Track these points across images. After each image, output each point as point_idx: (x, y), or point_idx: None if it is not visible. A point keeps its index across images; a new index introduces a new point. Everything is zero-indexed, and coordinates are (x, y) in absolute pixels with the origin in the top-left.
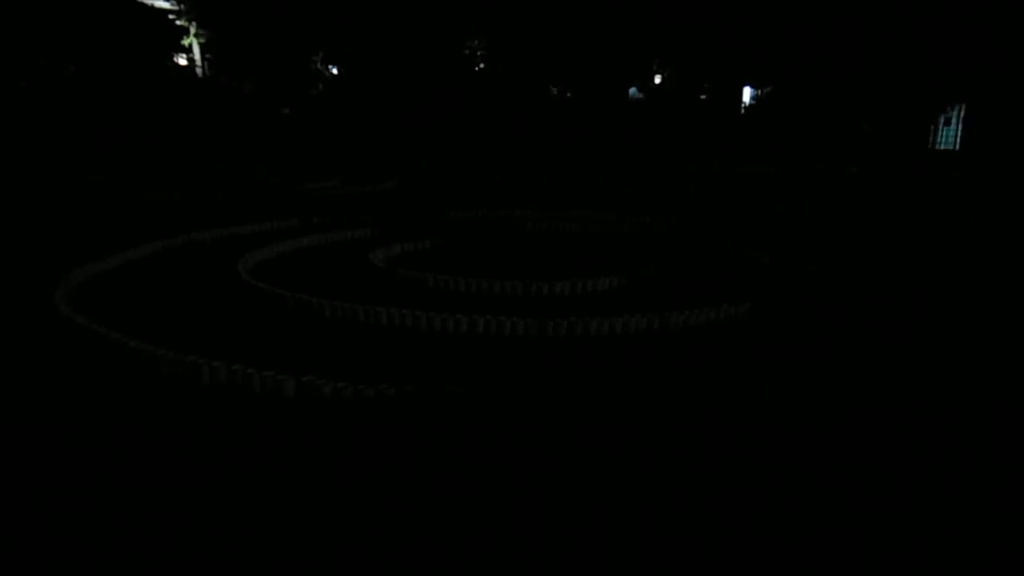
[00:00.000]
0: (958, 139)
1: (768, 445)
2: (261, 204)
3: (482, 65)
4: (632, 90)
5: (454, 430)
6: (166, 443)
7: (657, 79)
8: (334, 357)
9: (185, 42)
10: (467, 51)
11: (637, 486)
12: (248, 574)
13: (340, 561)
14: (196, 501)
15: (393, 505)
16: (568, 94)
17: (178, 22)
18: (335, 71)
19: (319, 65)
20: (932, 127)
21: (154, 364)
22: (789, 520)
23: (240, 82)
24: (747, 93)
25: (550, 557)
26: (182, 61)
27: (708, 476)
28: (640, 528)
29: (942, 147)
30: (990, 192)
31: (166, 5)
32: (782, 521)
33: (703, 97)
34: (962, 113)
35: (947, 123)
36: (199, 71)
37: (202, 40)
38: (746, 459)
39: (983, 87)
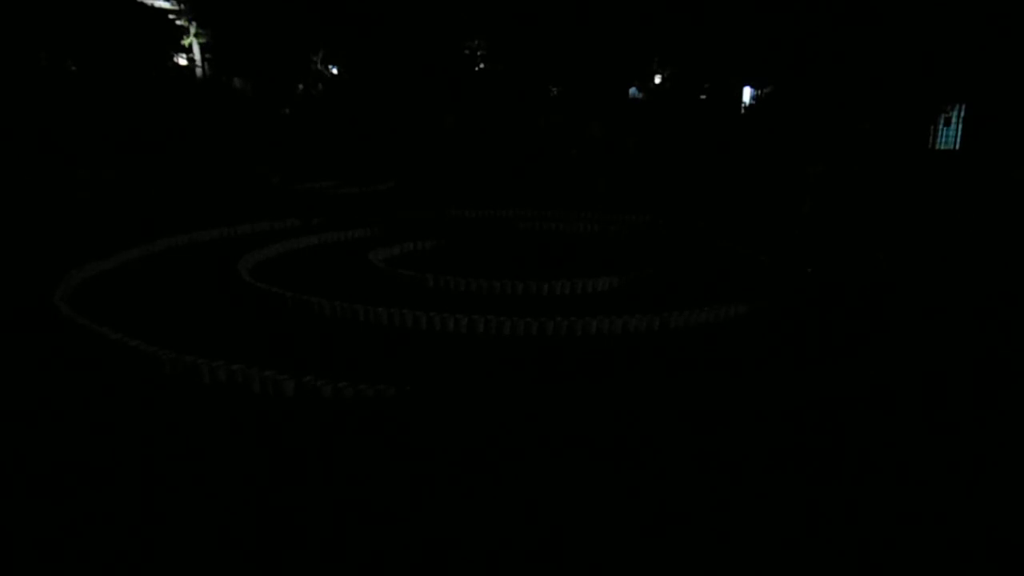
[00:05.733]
0: (958, 139)
1: (767, 443)
2: (261, 204)
3: (482, 65)
4: (632, 90)
5: (453, 429)
6: (166, 442)
7: (657, 79)
8: (334, 357)
9: (185, 42)
10: (467, 51)
11: (633, 484)
12: (246, 569)
13: (337, 558)
14: (195, 498)
15: (391, 502)
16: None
17: (178, 22)
18: (335, 71)
19: (319, 65)
20: (932, 127)
21: (155, 364)
22: (786, 519)
23: (230, 79)
24: (747, 93)
25: (543, 550)
26: (182, 61)
27: (704, 474)
28: (636, 526)
29: (942, 147)
30: (990, 192)
31: (166, 5)
32: (779, 520)
33: (703, 97)
34: (962, 113)
35: (947, 123)
36: (199, 71)
37: (202, 40)
38: (743, 457)
39: (983, 87)
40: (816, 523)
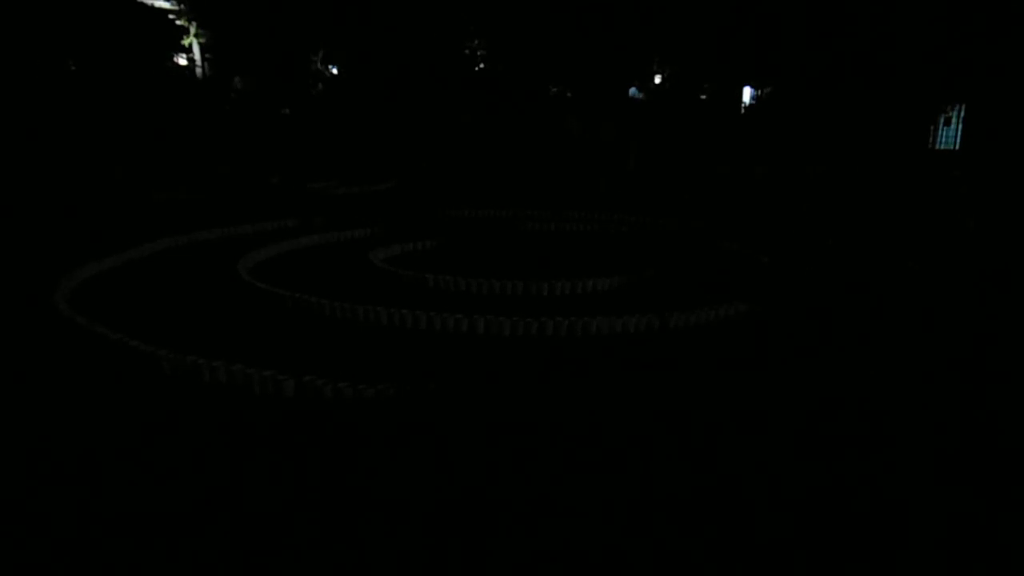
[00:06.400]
0: (958, 139)
1: (767, 444)
2: (261, 204)
3: (482, 65)
4: (632, 90)
5: (452, 430)
6: (166, 442)
7: (657, 79)
8: (334, 357)
9: (185, 42)
10: (467, 51)
11: (634, 485)
12: (245, 569)
13: (336, 558)
14: (195, 498)
15: (390, 503)
16: (568, 94)
17: (178, 22)
18: (335, 71)
19: (319, 65)
20: (932, 127)
21: (155, 364)
22: (785, 518)
23: (230, 79)
24: (747, 93)
25: (544, 553)
26: (182, 61)
27: (705, 475)
28: (635, 527)
29: (942, 147)
30: (991, 193)
31: (166, 5)
32: (779, 521)
33: (703, 97)
34: (962, 113)
35: (947, 123)
36: (199, 71)
37: (202, 40)
38: (744, 458)
39: (983, 87)
40: (816, 524)
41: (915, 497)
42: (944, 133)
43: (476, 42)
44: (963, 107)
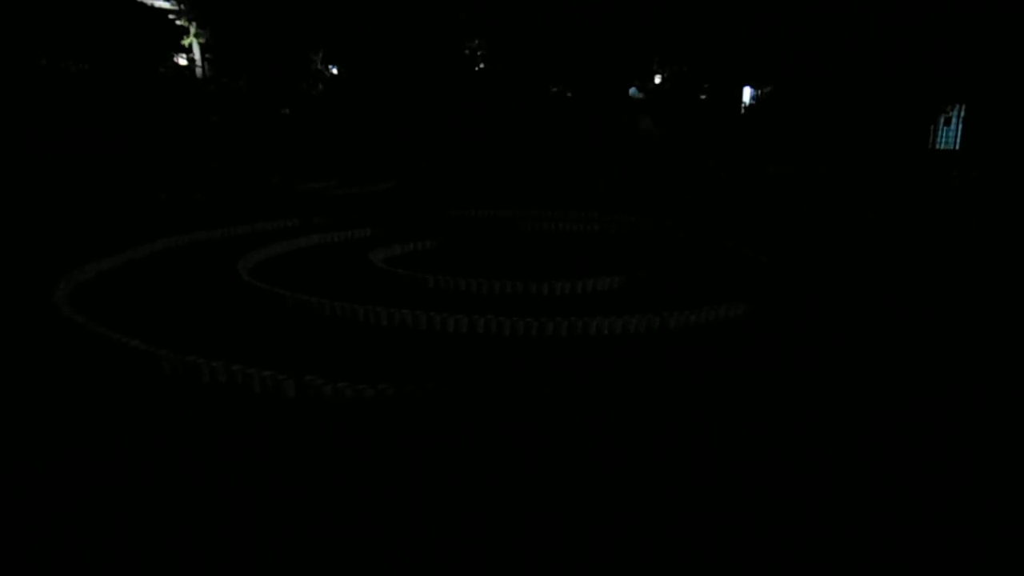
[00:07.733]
0: (958, 139)
1: (767, 445)
2: (261, 204)
3: (482, 65)
4: (632, 90)
5: (453, 430)
6: (165, 442)
7: (657, 79)
8: (334, 357)
9: (185, 42)
10: (467, 51)
11: (635, 486)
12: (245, 569)
13: (337, 559)
14: (194, 498)
15: (391, 504)
16: (568, 94)
17: (178, 22)
18: (335, 71)
19: (319, 65)
20: (932, 127)
21: (154, 364)
22: (788, 521)
23: (236, 79)
24: (747, 93)
25: (545, 555)
26: (182, 61)
27: (707, 478)
28: (637, 528)
29: (942, 147)
30: (990, 193)
31: (166, 5)
32: (781, 523)
33: (703, 97)
34: (962, 113)
35: (947, 123)
36: (199, 71)
37: (202, 40)
38: (745, 459)
39: (983, 87)
40: (811, 528)
41: (916, 495)
42: (944, 133)
43: (476, 42)
44: (963, 107)
